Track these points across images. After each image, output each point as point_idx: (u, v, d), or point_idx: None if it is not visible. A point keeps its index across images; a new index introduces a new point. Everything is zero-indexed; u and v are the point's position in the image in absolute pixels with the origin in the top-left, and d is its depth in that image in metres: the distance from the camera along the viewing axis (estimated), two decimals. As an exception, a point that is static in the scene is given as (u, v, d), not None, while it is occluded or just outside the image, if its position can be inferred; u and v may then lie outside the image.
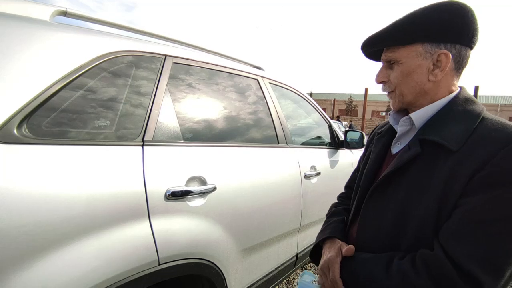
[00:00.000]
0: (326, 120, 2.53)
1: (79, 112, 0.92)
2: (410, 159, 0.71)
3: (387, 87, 0.79)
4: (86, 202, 0.83)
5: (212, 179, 1.20)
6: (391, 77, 0.77)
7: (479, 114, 0.69)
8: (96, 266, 0.84)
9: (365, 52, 0.84)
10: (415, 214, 0.67)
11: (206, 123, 1.36)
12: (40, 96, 0.82)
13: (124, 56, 1.07)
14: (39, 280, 0.75)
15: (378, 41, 0.77)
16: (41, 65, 0.85)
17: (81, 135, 0.90)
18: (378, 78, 0.81)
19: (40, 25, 0.91)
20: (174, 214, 1.04)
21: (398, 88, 0.76)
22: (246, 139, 1.55)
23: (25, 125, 0.79)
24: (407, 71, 0.74)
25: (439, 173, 0.66)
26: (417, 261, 0.64)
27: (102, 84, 0.99)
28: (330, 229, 0.91)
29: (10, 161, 0.74)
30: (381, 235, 0.74)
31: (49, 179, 0.78)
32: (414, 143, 0.72)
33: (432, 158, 0.69)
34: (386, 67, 0.79)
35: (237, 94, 1.62)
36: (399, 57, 0.74)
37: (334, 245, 0.84)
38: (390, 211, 0.72)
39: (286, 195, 1.67)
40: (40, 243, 0.75)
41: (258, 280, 1.54)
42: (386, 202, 0.74)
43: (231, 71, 1.61)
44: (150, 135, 1.06)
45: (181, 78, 1.29)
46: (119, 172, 0.92)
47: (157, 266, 0.98)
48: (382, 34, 0.76)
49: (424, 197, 0.66)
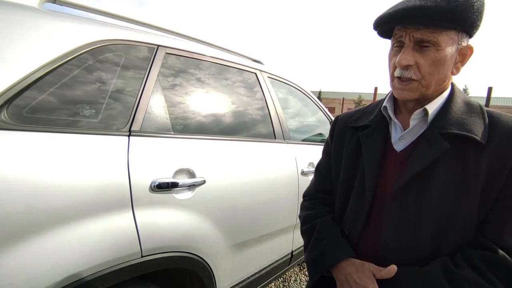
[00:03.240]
0: (328, 116, 2.48)
1: (63, 99, 0.90)
2: (438, 156, 0.65)
3: (412, 73, 0.66)
4: (67, 191, 0.82)
5: (202, 172, 1.18)
6: (420, 63, 0.64)
7: (480, 106, 0.71)
8: (75, 256, 0.83)
9: (386, 26, 0.69)
10: (459, 214, 0.63)
11: (198, 115, 1.33)
12: (22, 81, 0.81)
13: (113, 44, 1.06)
14: (20, 267, 0.74)
15: (423, 14, 0.61)
16: (26, 50, 0.84)
17: (65, 123, 0.89)
18: (405, 60, 0.65)
19: (27, 11, 0.90)
20: (159, 206, 1.02)
21: (427, 77, 0.65)
22: (240, 133, 1.52)
23: (4, 110, 0.78)
24: (442, 59, 0.64)
25: (475, 168, 0.63)
26: (480, 267, 0.60)
27: (88, 72, 0.97)
28: (338, 247, 0.75)
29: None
30: (419, 242, 0.66)
31: (29, 167, 0.77)
32: (435, 138, 0.66)
33: (459, 152, 0.65)
34: (414, 49, 0.65)
35: (233, 87, 1.59)
36: (440, 41, 0.62)
37: (359, 267, 0.69)
38: (427, 215, 0.65)
39: (282, 191, 1.64)
40: (18, 231, 0.74)
41: (250, 276, 1.51)
42: (418, 205, 0.66)
43: (228, 64, 1.58)
44: (137, 125, 1.04)
45: (173, 69, 1.27)
46: (102, 162, 0.90)
47: (139, 258, 0.96)
48: (433, 7, 0.60)
49: (466, 195, 0.63)
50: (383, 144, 0.76)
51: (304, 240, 0.89)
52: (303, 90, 2.28)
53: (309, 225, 0.86)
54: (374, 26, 0.73)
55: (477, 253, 0.62)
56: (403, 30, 0.66)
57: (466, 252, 0.63)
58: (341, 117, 0.93)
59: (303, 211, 0.94)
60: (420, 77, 0.66)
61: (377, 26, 0.72)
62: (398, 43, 0.68)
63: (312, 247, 0.81)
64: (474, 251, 0.62)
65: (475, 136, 0.64)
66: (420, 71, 0.65)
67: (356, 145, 0.81)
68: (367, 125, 0.81)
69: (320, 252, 0.78)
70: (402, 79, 0.68)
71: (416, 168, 0.66)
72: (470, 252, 0.63)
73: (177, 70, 1.29)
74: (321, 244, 0.79)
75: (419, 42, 0.64)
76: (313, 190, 0.95)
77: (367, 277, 0.67)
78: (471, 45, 0.67)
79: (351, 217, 0.78)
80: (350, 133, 0.85)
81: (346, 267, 0.71)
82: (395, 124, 0.77)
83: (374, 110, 0.84)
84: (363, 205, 0.75)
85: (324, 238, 0.79)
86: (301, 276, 2.47)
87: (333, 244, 0.76)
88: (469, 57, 0.69)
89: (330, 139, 0.93)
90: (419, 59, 0.65)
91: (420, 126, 0.72)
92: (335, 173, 0.86)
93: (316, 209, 0.89)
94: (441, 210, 0.64)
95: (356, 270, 0.69)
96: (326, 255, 0.76)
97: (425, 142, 0.68)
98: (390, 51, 0.72)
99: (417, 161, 0.67)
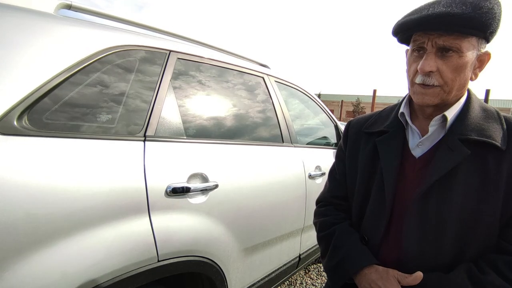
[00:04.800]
0: (333, 120, 2.49)
1: (81, 105, 0.91)
2: (459, 162, 0.66)
3: (434, 79, 0.66)
4: (86, 196, 0.82)
5: (214, 177, 1.18)
6: (443, 69, 0.65)
7: (496, 111, 0.72)
8: (95, 261, 0.83)
9: (408, 32, 0.69)
10: (481, 220, 0.64)
11: (209, 119, 1.34)
12: (42, 88, 0.82)
13: (128, 50, 1.07)
14: (38, 272, 0.74)
15: (449, 22, 0.61)
16: (44, 57, 0.84)
17: (82, 129, 0.89)
18: (428, 66, 0.65)
19: (44, 18, 0.91)
20: (174, 211, 1.03)
21: (449, 83, 0.66)
22: (250, 137, 1.53)
23: (25, 117, 0.78)
24: (463, 66, 0.65)
25: (495, 173, 0.64)
26: (504, 271, 0.61)
27: (104, 78, 0.98)
28: (360, 254, 0.74)
29: (10, 153, 0.73)
30: (441, 249, 0.66)
31: (49, 172, 0.77)
32: (455, 144, 0.67)
33: (479, 158, 0.66)
34: (436, 55, 0.66)
35: (242, 91, 1.60)
36: (463, 47, 0.63)
37: (383, 274, 0.69)
38: (448, 221, 0.65)
39: (290, 194, 1.64)
40: (39, 237, 0.74)
41: (260, 280, 1.52)
42: (439, 211, 0.66)
43: (236, 68, 1.59)
44: (152, 130, 1.05)
45: (185, 74, 1.28)
46: (120, 166, 0.91)
47: (156, 262, 0.96)
48: (460, 14, 0.61)
49: (487, 201, 0.64)
50: (400, 150, 0.76)
51: (321, 247, 0.88)
52: (308, 93, 2.29)
53: (326, 232, 0.85)
54: (394, 33, 0.73)
55: (501, 258, 0.62)
56: (425, 36, 0.66)
57: (489, 257, 0.64)
58: (354, 122, 0.93)
59: (318, 218, 0.93)
60: (443, 83, 0.66)
61: (398, 33, 0.72)
62: (419, 49, 0.69)
63: (332, 254, 0.80)
64: (497, 256, 0.63)
65: (495, 142, 0.65)
66: (442, 77, 0.66)
67: (373, 151, 0.81)
68: (383, 130, 0.81)
69: (341, 259, 0.76)
70: (424, 85, 0.68)
71: (437, 174, 0.67)
72: (494, 257, 0.63)
73: (188, 75, 1.30)
74: (341, 251, 0.77)
75: (441, 48, 0.65)
76: (328, 196, 0.93)
77: (392, 285, 0.66)
78: (489, 51, 0.68)
79: (371, 223, 0.77)
80: (365, 138, 0.85)
81: (370, 274, 0.71)
82: (412, 130, 0.77)
83: (389, 116, 0.83)
84: (383, 211, 0.74)
85: (344, 244, 0.78)
86: (307, 279, 2.47)
87: (354, 251, 0.75)
88: (486, 63, 0.69)
89: (343, 145, 0.92)
90: (441, 65, 0.65)
91: (438, 132, 0.72)
92: (350, 179, 0.86)
93: (332, 215, 0.88)
94: (462, 216, 0.64)
95: (381, 277, 0.68)
96: (348, 262, 0.75)
97: (445, 148, 0.68)
98: (409, 56, 0.72)
99: (437, 167, 0.67)
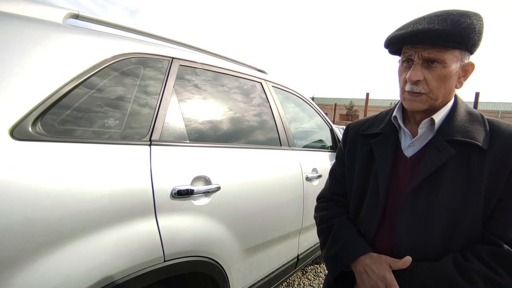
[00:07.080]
0: (328, 124, 2.56)
1: (91, 111, 0.95)
2: (445, 161, 0.72)
3: (421, 88, 0.73)
4: (96, 198, 0.86)
5: (217, 179, 1.23)
6: (428, 78, 0.72)
7: (481, 114, 0.78)
8: (103, 261, 0.86)
9: (396, 45, 0.77)
10: (466, 213, 0.70)
11: (211, 124, 1.39)
12: (54, 94, 0.85)
13: (133, 58, 1.11)
14: (47, 273, 0.77)
15: (431, 36, 0.69)
16: (55, 65, 0.88)
17: (92, 134, 0.93)
18: (415, 76, 0.72)
19: (54, 27, 0.95)
20: (179, 212, 1.07)
21: (435, 91, 0.73)
22: (249, 140, 1.58)
23: (39, 122, 0.82)
24: (447, 75, 0.72)
25: (478, 171, 0.70)
26: (487, 259, 0.67)
27: (112, 85, 1.02)
28: (357, 245, 0.81)
29: (25, 157, 0.76)
30: (431, 240, 0.72)
31: (61, 176, 0.81)
32: (442, 145, 0.74)
33: (464, 157, 0.72)
34: (422, 66, 0.73)
35: (241, 96, 1.65)
36: (446, 59, 0.71)
37: (376, 259, 0.76)
38: (437, 214, 0.71)
39: (288, 196, 1.69)
40: (50, 238, 0.77)
41: (260, 280, 1.56)
42: (428, 206, 0.73)
43: (235, 74, 1.64)
44: (157, 135, 1.09)
45: (187, 80, 1.33)
46: (128, 170, 0.95)
47: (162, 262, 1.00)
48: (441, 31, 0.68)
49: (471, 196, 0.70)
50: (394, 151, 0.83)
51: (320, 239, 0.95)
52: (303, 97, 2.35)
53: (326, 225, 0.92)
54: (385, 45, 0.81)
55: (484, 248, 0.69)
56: (412, 49, 0.73)
57: (474, 247, 0.70)
58: (352, 125, 1.00)
59: (318, 212, 0.99)
60: (429, 91, 0.73)
61: (388, 45, 0.80)
62: (408, 60, 0.76)
63: (331, 244, 0.87)
64: (481, 246, 0.69)
65: (478, 142, 0.72)
66: (428, 86, 0.73)
67: (369, 151, 0.88)
68: (378, 133, 0.88)
69: (340, 249, 0.83)
70: (412, 92, 0.75)
71: (426, 172, 0.74)
72: (478, 247, 0.69)
73: (190, 81, 1.34)
74: (340, 242, 0.84)
75: (427, 60, 0.72)
76: (328, 193, 1.01)
77: (384, 268, 0.74)
78: (473, 62, 0.75)
79: (366, 217, 0.84)
80: (362, 140, 0.92)
81: (365, 259, 0.78)
82: (405, 132, 0.84)
83: (384, 119, 0.91)
84: (378, 206, 0.81)
85: (342, 236, 0.85)
86: (304, 280, 2.51)
87: (352, 242, 0.82)
88: (471, 73, 0.77)
89: (343, 146, 0.99)
90: (427, 75, 0.72)
91: (427, 134, 0.79)
92: (348, 177, 0.93)
93: (331, 210, 0.95)
94: (450, 209, 0.71)
95: (374, 262, 0.76)
96: (346, 251, 0.82)
97: (433, 148, 0.75)
98: (400, 67, 0.80)
99: (426, 165, 0.74)
